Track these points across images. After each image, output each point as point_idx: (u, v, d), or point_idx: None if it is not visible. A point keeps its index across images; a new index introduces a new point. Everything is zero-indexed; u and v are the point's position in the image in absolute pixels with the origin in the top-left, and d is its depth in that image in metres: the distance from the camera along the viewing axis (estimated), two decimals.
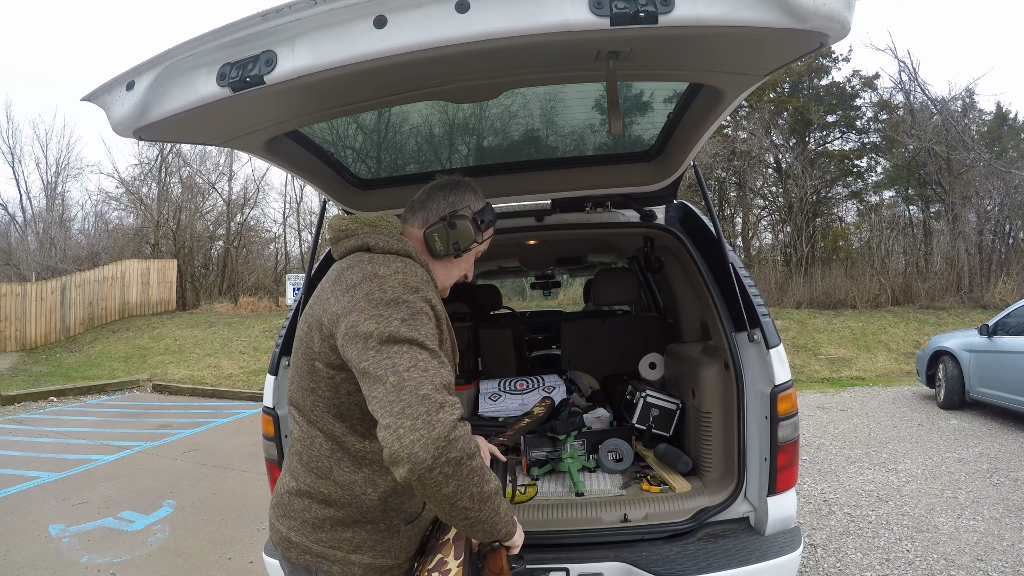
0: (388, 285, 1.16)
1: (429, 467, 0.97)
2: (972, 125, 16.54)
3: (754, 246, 18.52)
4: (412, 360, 1.06)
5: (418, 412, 0.99)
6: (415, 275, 1.21)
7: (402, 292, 1.15)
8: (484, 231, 1.42)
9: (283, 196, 23.02)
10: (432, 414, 0.99)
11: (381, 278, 1.17)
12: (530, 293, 12.24)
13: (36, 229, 19.85)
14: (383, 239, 1.28)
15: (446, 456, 0.98)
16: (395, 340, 1.08)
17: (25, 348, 12.75)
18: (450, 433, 0.99)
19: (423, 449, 0.97)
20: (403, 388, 1.02)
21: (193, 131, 1.49)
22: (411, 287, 1.17)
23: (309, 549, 1.25)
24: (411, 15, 1.02)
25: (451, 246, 1.35)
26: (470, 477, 1.02)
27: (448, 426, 0.99)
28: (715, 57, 1.30)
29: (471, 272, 1.50)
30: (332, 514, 1.25)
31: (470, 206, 1.40)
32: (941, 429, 6.24)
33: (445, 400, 1.02)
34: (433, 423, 0.99)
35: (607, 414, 2.83)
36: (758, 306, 2.04)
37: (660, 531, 1.95)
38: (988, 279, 13.53)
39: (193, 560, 3.54)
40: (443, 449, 0.98)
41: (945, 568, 3.22)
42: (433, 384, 1.04)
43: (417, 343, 1.09)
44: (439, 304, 1.23)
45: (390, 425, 1.00)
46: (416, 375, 1.04)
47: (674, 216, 2.42)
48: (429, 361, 1.08)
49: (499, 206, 2.29)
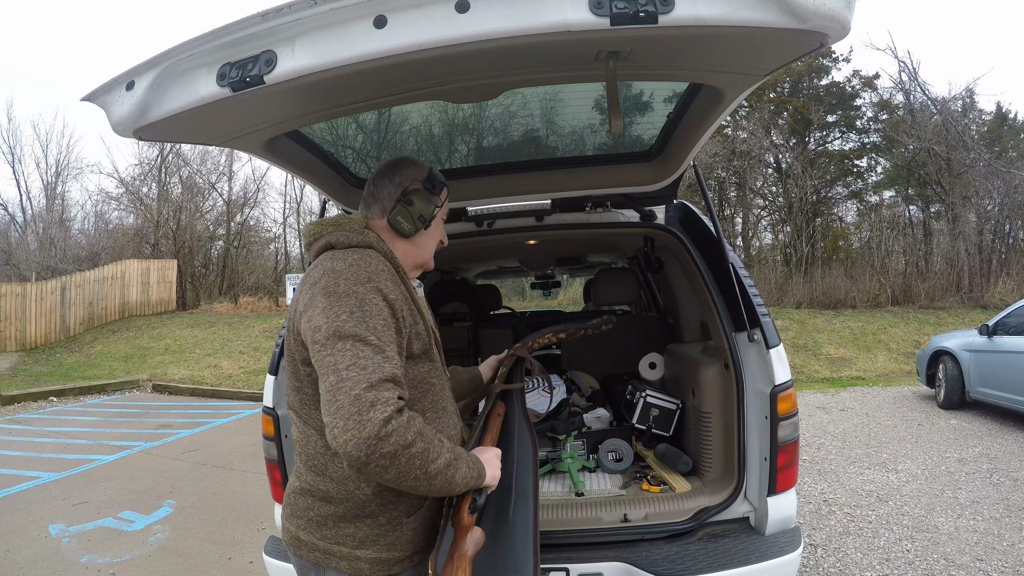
0: (341, 278, 1.20)
1: (364, 462, 1.05)
2: (972, 125, 16.54)
3: (754, 246, 18.52)
4: (353, 357, 1.11)
5: (349, 412, 1.05)
6: (370, 265, 1.25)
7: (353, 284, 1.19)
8: (438, 194, 1.46)
9: (283, 196, 23.03)
10: (363, 414, 1.05)
11: (336, 272, 1.22)
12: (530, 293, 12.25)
13: (36, 229, 19.84)
14: (344, 235, 1.33)
15: (379, 451, 1.05)
16: (340, 335, 1.13)
17: (25, 348, 12.75)
18: (379, 431, 1.04)
19: (355, 448, 1.04)
20: (340, 388, 1.08)
21: (193, 131, 1.49)
22: (363, 278, 1.21)
23: (316, 546, 1.29)
24: (411, 15, 1.02)
25: (417, 221, 1.40)
26: (410, 463, 1.09)
27: (377, 424, 1.04)
28: (715, 57, 1.30)
29: (445, 237, 1.56)
30: (333, 511, 1.27)
31: (416, 178, 1.44)
32: (941, 429, 6.24)
33: (377, 397, 1.07)
34: (363, 423, 1.04)
35: (607, 414, 2.83)
36: (758, 306, 2.04)
37: (660, 531, 1.95)
38: (988, 279, 13.53)
39: (193, 560, 3.53)
40: (374, 446, 1.04)
41: (945, 568, 3.22)
42: (369, 381, 1.08)
43: (360, 338, 1.13)
44: (397, 292, 1.26)
45: (328, 424, 1.07)
46: (354, 374, 1.09)
47: (674, 216, 2.42)
48: (370, 357, 1.11)
49: (499, 206, 2.30)
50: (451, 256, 3.75)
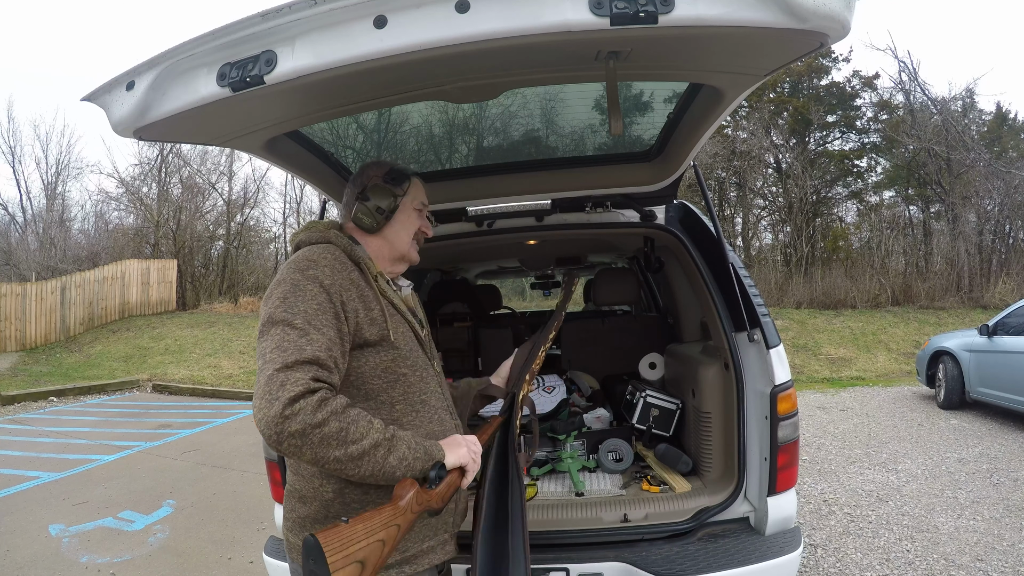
0: (284, 269, 1.27)
1: (277, 441, 1.07)
2: (972, 125, 16.54)
3: (754, 246, 18.52)
4: (276, 341, 1.14)
5: (262, 393, 1.08)
6: (314, 255, 1.28)
7: (291, 273, 1.24)
8: (399, 185, 1.47)
9: (283, 196, 23.03)
10: (272, 393, 1.07)
11: (285, 265, 1.29)
12: (530, 293, 12.25)
13: (36, 229, 19.84)
14: (307, 235, 1.38)
15: (287, 430, 1.05)
16: (271, 321, 1.17)
17: (25, 348, 12.75)
18: (284, 409, 1.05)
19: (266, 427, 1.06)
20: (262, 371, 1.11)
21: (193, 131, 1.49)
22: (302, 267, 1.25)
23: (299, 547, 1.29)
24: (411, 15, 1.02)
25: (375, 213, 1.43)
26: (323, 443, 1.08)
27: (283, 403, 1.05)
28: (715, 57, 1.30)
29: (426, 227, 1.54)
30: (307, 512, 1.29)
31: (375, 175, 1.47)
32: (941, 429, 6.24)
33: (287, 378, 1.08)
34: (272, 402, 1.06)
35: (607, 414, 2.83)
36: (758, 306, 2.04)
37: (660, 531, 1.95)
38: (988, 279, 13.53)
39: (193, 560, 3.53)
40: (281, 425, 1.05)
41: (945, 568, 3.22)
42: (284, 362, 1.10)
43: (287, 322, 1.16)
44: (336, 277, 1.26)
45: (253, 405, 1.11)
46: (273, 356, 1.11)
47: (674, 216, 2.42)
48: (293, 340, 1.13)
49: (499, 206, 2.30)
50: (451, 256, 3.75)
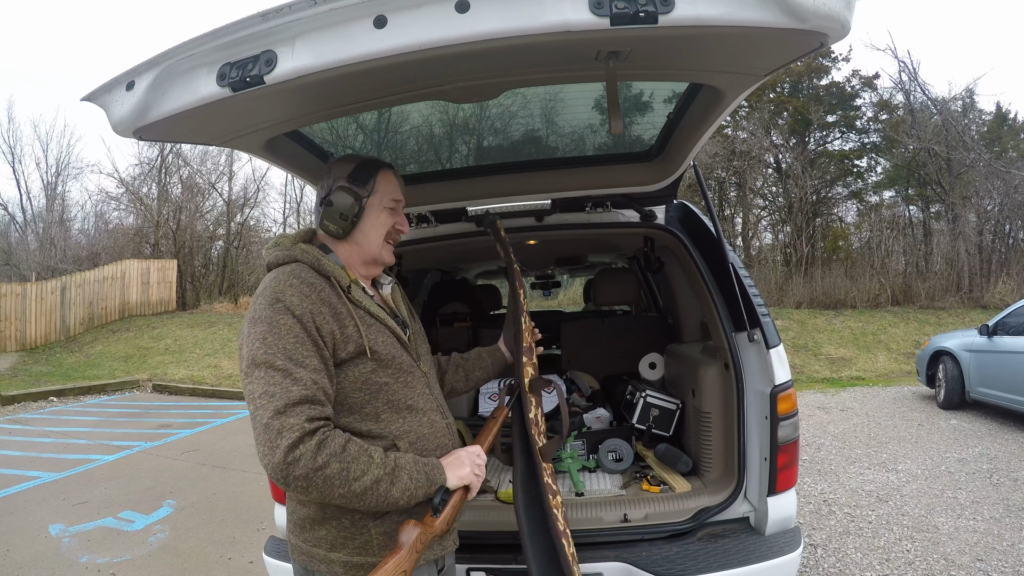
0: (257, 304, 1.25)
1: (284, 483, 1.14)
2: (972, 125, 16.53)
3: (754, 246, 18.51)
4: (263, 385, 1.16)
5: (263, 441, 1.14)
6: (280, 282, 1.26)
7: (263, 309, 1.23)
8: (365, 184, 1.40)
9: (283, 196, 23.01)
10: (272, 442, 1.12)
11: (256, 297, 1.27)
12: (530, 293, 12.24)
13: (36, 229, 19.85)
14: (274, 254, 1.36)
15: (292, 475, 1.12)
16: (254, 364, 1.19)
17: (25, 348, 12.75)
18: (286, 457, 1.11)
19: (273, 472, 1.13)
20: (255, 417, 1.16)
21: (193, 131, 1.49)
22: (271, 299, 1.23)
23: (301, 548, 1.32)
24: (411, 15, 1.02)
25: (339, 219, 1.38)
26: (328, 483, 1.14)
27: (283, 451, 1.11)
28: (715, 57, 1.30)
29: (403, 225, 1.49)
30: (307, 513, 1.30)
31: (340, 175, 1.41)
32: (941, 429, 6.24)
33: (283, 425, 1.13)
34: (273, 450, 1.12)
35: (607, 414, 2.83)
36: (758, 306, 2.04)
37: (660, 531, 1.95)
38: (988, 279, 13.53)
39: (193, 560, 3.53)
40: (287, 470, 1.12)
41: (945, 568, 3.22)
42: (275, 409, 1.14)
43: (270, 364, 1.17)
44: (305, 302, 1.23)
45: (256, 448, 1.16)
46: (264, 403, 1.15)
47: (674, 216, 2.42)
48: (279, 383, 1.16)
49: (499, 206, 2.29)
50: (451, 256, 3.75)
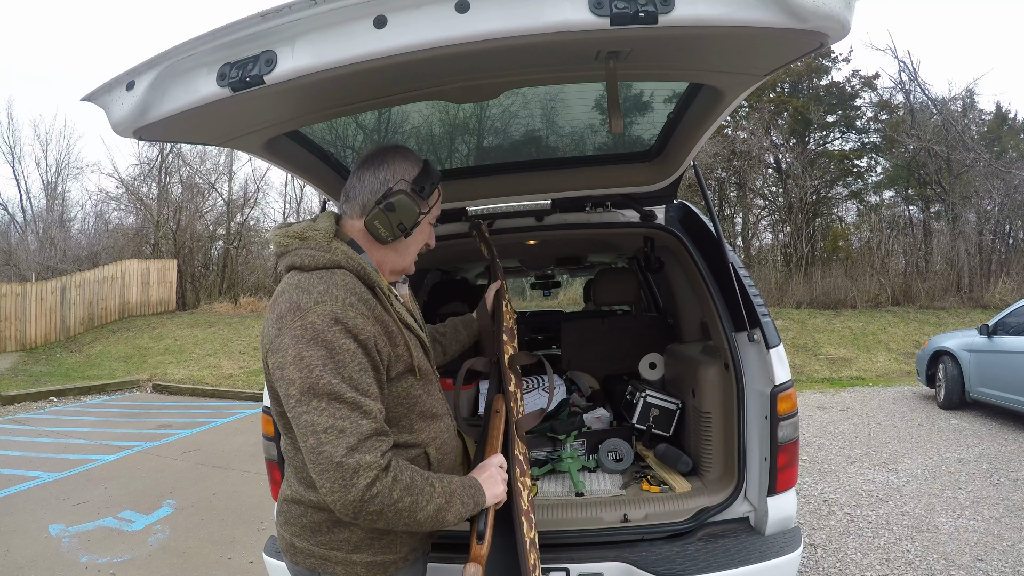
0: (308, 321, 1.13)
1: (353, 517, 1.12)
2: (972, 125, 16.52)
3: (754, 246, 18.51)
4: (330, 419, 1.09)
5: (334, 478, 1.08)
6: (337, 298, 1.15)
7: (321, 330, 1.12)
8: (427, 198, 1.32)
9: (283, 196, 22.99)
10: (348, 480, 1.08)
11: (303, 312, 1.14)
12: (530, 293, 12.25)
13: (36, 229, 19.84)
14: (309, 255, 1.22)
15: (365, 511, 1.10)
16: (314, 393, 1.10)
17: (25, 348, 12.74)
18: (363, 495, 1.09)
19: (343, 508, 1.10)
20: (321, 452, 1.09)
21: (193, 131, 1.49)
22: (330, 319, 1.13)
23: (312, 552, 1.28)
24: (411, 15, 1.02)
25: (396, 228, 1.28)
26: (397, 516, 1.14)
27: (361, 490, 1.08)
28: (715, 57, 1.30)
29: (432, 238, 1.45)
30: (327, 517, 1.27)
31: (404, 177, 1.30)
32: (941, 429, 6.24)
33: (360, 463, 1.08)
34: (348, 488, 1.08)
35: (607, 414, 2.83)
36: (758, 306, 2.04)
37: (660, 531, 1.95)
38: (988, 279, 13.53)
39: (193, 560, 3.53)
40: (360, 507, 1.09)
41: (945, 568, 3.22)
42: (348, 446, 1.08)
43: (335, 395, 1.10)
44: (367, 325, 1.17)
45: (316, 480, 1.11)
46: (332, 438, 1.09)
47: (674, 216, 2.42)
48: (347, 416, 1.10)
49: (499, 206, 2.30)
50: (451, 256, 3.75)
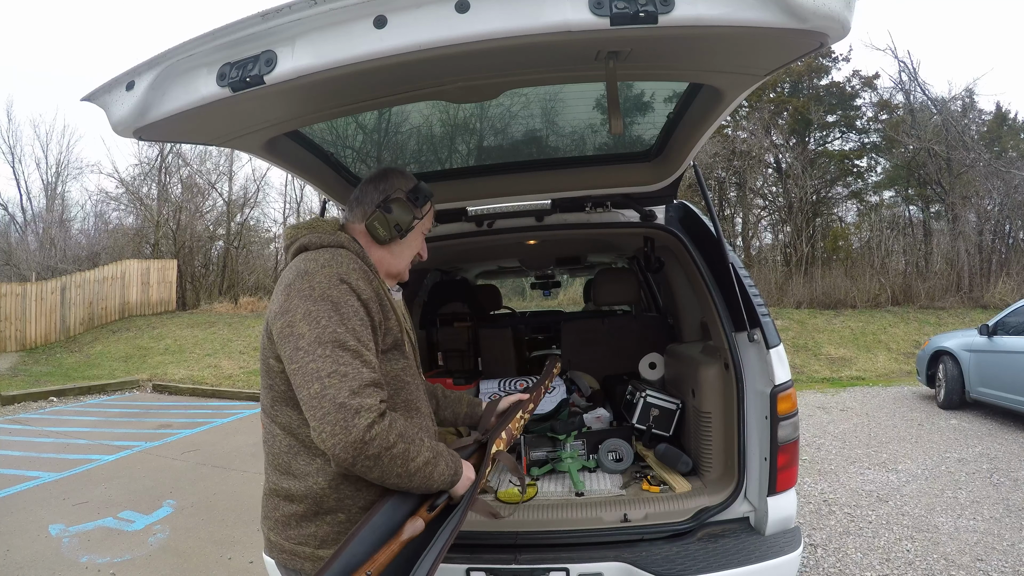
0: (316, 281, 1.24)
1: (351, 463, 1.14)
2: (972, 125, 16.52)
3: (754, 246, 18.51)
4: (333, 364, 1.16)
5: (336, 419, 1.12)
6: (342, 264, 1.28)
7: (327, 287, 1.23)
8: (420, 207, 1.48)
9: (283, 196, 23.01)
10: (348, 420, 1.12)
11: (310, 274, 1.25)
12: (530, 293, 12.24)
13: (36, 229, 19.85)
14: (316, 236, 1.36)
15: (364, 454, 1.14)
16: (320, 342, 1.17)
17: (25, 348, 12.75)
18: (364, 435, 1.13)
19: (343, 451, 1.13)
20: (324, 396, 1.14)
21: (193, 131, 1.49)
22: (335, 280, 1.24)
23: (283, 547, 1.31)
24: (411, 15, 1.02)
25: (393, 229, 1.43)
26: (391, 463, 1.17)
27: (362, 430, 1.13)
28: (715, 57, 1.30)
29: (424, 250, 1.56)
30: (295, 510, 1.29)
31: (401, 188, 1.47)
32: (941, 429, 6.24)
33: (361, 404, 1.14)
34: (349, 429, 1.12)
35: (607, 414, 2.83)
36: (758, 306, 2.04)
37: (660, 531, 1.95)
38: (988, 279, 13.52)
39: (193, 560, 3.53)
40: (360, 449, 1.13)
41: (945, 568, 3.22)
42: (351, 389, 1.15)
43: (340, 344, 1.18)
44: (368, 288, 1.28)
45: (315, 428, 1.15)
46: (335, 381, 1.15)
47: (674, 216, 2.42)
48: (350, 363, 1.17)
49: (499, 206, 2.30)
50: (451, 256, 3.75)
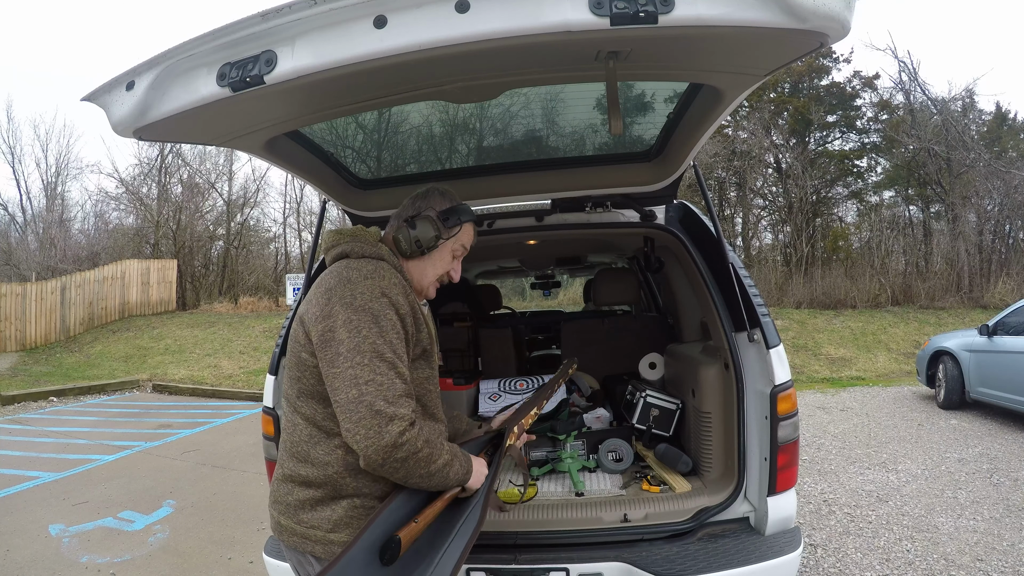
0: (358, 291, 1.31)
1: (380, 464, 1.23)
2: (972, 125, 16.52)
3: (754, 246, 18.51)
4: (371, 373, 1.24)
5: (371, 424, 1.21)
6: (383, 277, 1.35)
7: (369, 299, 1.30)
8: (450, 227, 1.53)
9: (283, 196, 23.03)
10: (382, 427, 1.21)
11: (353, 283, 1.32)
12: (530, 293, 12.24)
13: (36, 229, 19.85)
14: (359, 246, 1.44)
15: (394, 457, 1.23)
16: (360, 351, 1.25)
17: (25, 348, 12.75)
18: (395, 441, 1.22)
19: (375, 453, 1.22)
20: (361, 401, 1.22)
21: (193, 131, 1.49)
22: (376, 293, 1.31)
23: (294, 531, 1.34)
24: (411, 15, 1.02)
25: (413, 244, 1.49)
26: (416, 466, 1.27)
27: (394, 436, 1.21)
28: (715, 57, 1.30)
29: (456, 272, 1.59)
30: (311, 495, 1.33)
31: (434, 207, 1.54)
32: (941, 429, 6.24)
33: (395, 413, 1.23)
34: (382, 434, 1.21)
35: (607, 414, 2.83)
36: (758, 306, 2.04)
37: (660, 531, 1.95)
38: (988, 279, 13.52)
39: (193, 560, 3.53)
40: (390, 453, 1.22)
41: (945, 568, 3.22)
42: (386, 398, 1.23)
43: (378, 354, 1.26)
44: (406, 303, 1.36)
45: (349, 430, 1.23)
46: (372, 389, 1.23)
47: (674, 216, 2.42)
48: (386, 373, 1.25)
49: (499, 206, 2.30)
50: None
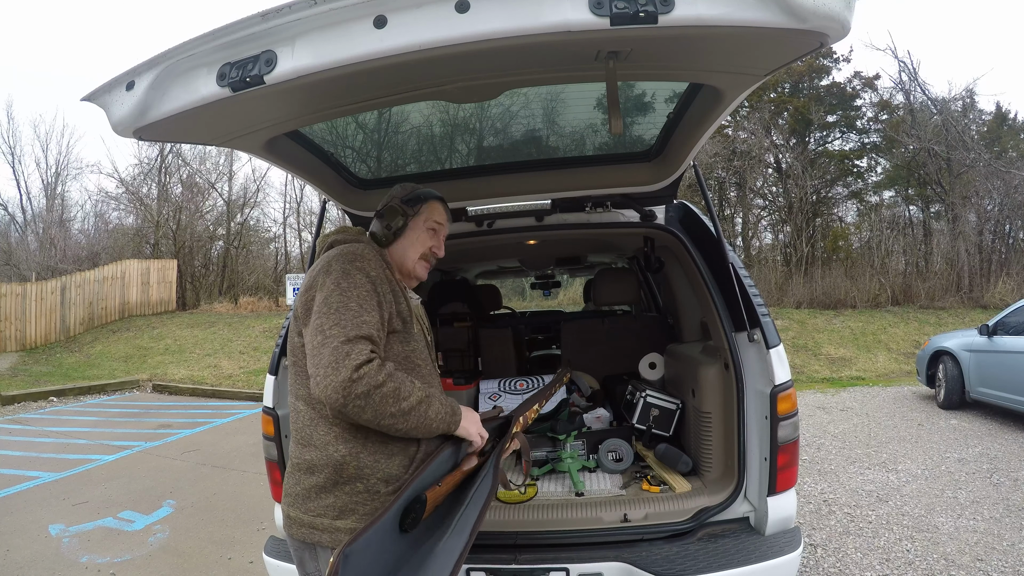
0: (333, 260, 1.42)
1: (343, 403, 1.22)
2: (972, 125, 16.52)
3: (754, 246, 18.51)
4: (335, 319, 1.28)
5: (328, 361, 1.23)
6: (358, 251, 1.45)
7: (341, 263, 1.40)
8: (414, 206, 1.64)
9: (283, 196, 23.00)
10: (339, 361, 1.22)
11: (330, 259, 1.43)
12: (530, 293, 12.25)
13: (36, 229, 19.85)
14: (343, 236, 1.57)
15: (353, 392, 1.21)
16: (327, 303, 1.31)
17: (25, 348, 12.75)
18: (352, 374, 1.21)
19: (333, 391, 1.21)
20: (324, 344, 1.25)
21: (193, 131, 1.49)
22: (349, 258, 1.41)
23: (302, 521, 1.35)
24: (411, 15, 1.03)
25: (385, 229, 1.61)
26: (383, 402, 1.24)
27: (350, 368, 1.21)
28: (715, 57, 1.30)
29: (439, 249, 1.68)
30: (315, 482, 1.34)
31: (397, 196, 1.66)
32: (941, 429, 6.24)
33: (352, 348, 1.24)
34: (339, 368, 1.21)
35: (607, 414, 2.83)
36: (758, 306, 2.04)
37: (660, 531, 1.95)
38: (988, 279, 13.52)
39: (193, 560, 3.53)
40: (349, 388, 1.20)
41: (945, 568, 3.22)
42: (346, 336, 1.25)
43: (343, 304, 1.31)
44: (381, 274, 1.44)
45: (312, 375, 1.26)
46: (335, 331, 1.26)
47: (674, 216, 2.42)
48: (350, 320, 1.28)
49: (499, 206, 2.30)
50: (451, 256, 3.75)
